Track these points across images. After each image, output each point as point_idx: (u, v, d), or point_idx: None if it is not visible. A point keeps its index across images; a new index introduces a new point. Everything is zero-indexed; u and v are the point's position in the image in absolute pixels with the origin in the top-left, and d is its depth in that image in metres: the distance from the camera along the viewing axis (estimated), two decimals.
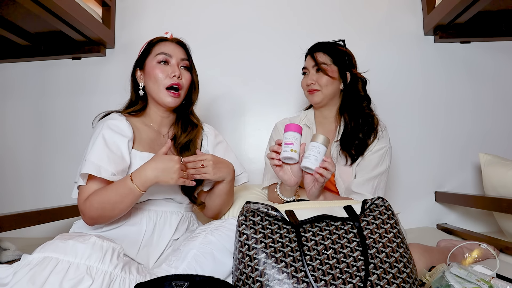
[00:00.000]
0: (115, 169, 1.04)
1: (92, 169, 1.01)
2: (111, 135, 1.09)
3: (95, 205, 1.01)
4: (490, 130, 2.02)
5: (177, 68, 1.19)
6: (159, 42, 1.23)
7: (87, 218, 1.04)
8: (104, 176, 1.02)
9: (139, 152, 1.14)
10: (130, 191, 1.00)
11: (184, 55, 1.23)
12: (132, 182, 0.99)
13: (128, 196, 1.00)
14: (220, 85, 2.05)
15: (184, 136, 1.24)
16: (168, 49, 1.20)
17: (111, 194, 1.00)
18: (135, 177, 1.00)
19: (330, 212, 0.92)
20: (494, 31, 2.03)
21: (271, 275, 0.78)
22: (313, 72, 1.40)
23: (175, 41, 1.24)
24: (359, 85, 1.42)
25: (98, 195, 1.02)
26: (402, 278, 0.80)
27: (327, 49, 1.41)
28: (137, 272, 0.89)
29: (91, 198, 1.02)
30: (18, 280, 0.78)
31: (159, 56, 1.19)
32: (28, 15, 1.74)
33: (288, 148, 1.09)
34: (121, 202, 1.01)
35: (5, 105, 2.17)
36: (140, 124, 1.21)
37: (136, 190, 0.99)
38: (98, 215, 1.02)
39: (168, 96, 1.18)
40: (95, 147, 1.06)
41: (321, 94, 1.39)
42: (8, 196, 2.10)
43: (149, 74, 1.20)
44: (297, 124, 1.11)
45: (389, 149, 1.38)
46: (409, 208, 1.98)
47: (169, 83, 1.17)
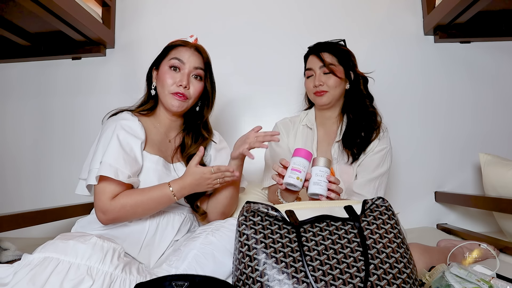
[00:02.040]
0: (130, 171, 1.04)
1: (110, 171, 1.01)
2: (125, 137, 1.08)
3: (127, 207, 1.03)
4: (490, 130, 2.02)
5: (186, 77, 1.17)
6: (178, 47, 1.20)
7: (109, 218, 1.04)
8: (121, 179, 1.02)
9: (149, 155, 1.14)
10: (168, 199, 1.06)
11: (199, 64, 1.19)
12: (171, 191, 1.04)
13: (164, 203, 1.07)
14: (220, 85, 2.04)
15: (194, 147, 1.23)
16: (183, 55, 1.18)
17: (147, 199, 1.04)
18: (174, 185, 1.05)
19: (331, 212, 0.92)
20: (494, 31, 2.03)
21: (271, 276, 0.78)
22: (320, 73, 1.37)
23: (194, 47, 1.20)
24: (362, 83, 1.41)
25: (132, 198, 1.03)
26: (402, 278, 0.80)
27: (332, 49, 1.39)
28: (138, 273, 0.90)
29: (123, 199, 1.02)
30: (18, 280, 0.78)
31: (172, 61, 1.17)
32: (28, 15, 1.73)
33: (294, 175, 1.05)
34: (155, 208, 1.07)
35: (5, 105, 2.17)
36: (150, 125, 1.20)
37: (173, 198, 1.06)
38: (125, 216, 1.05)
39: (173, 99, 1.16)
40: (110, 148, 1.05)
41: (330, 96, 1.37)
42: (8, 196, 2.10)
43: (160, 77, 1.19)
44: (308, 151, 1.08)
45: (390, 150, 1.38)
46: (409, 208, 1.98)
47: (174, 91, 1.16)
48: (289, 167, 1.07)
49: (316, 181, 1.06)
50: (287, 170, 1.07)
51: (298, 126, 1.47)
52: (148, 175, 1.11)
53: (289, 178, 1.05)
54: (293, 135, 1.46)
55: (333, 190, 1.06)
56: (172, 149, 1.23)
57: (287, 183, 1.06)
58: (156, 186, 1.07)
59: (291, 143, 1.44)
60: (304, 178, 1.06)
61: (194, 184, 1.06)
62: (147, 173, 1.11)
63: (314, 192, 1.05)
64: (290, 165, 1.07)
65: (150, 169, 1.12)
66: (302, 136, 1.45)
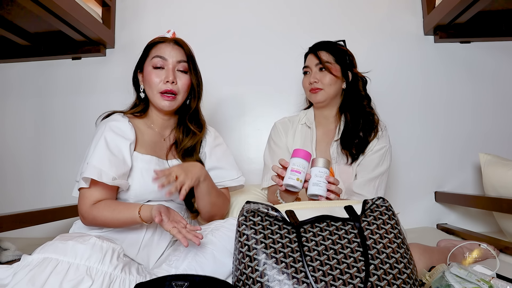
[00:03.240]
0: (116, 173, 1.04)
1: (94, 173, 1.01)
2: (113, 138, 1.08)
3: (98, 220, 1.03)
4: (490, 130, 2.02)
5: (172, 73, 1.14)
6: (157, 44, 1.18)
7: (87, 223, 1.07)
8: (105, 180, 1.02)
9: (140, 155, 1.13)
10: (133, 220, 1.01)
11: (181, 57, 1.17)
12: (139, 215, 1.00)
13: (131, 223, 1.04)
14: (220, 86, 2.05)
15: (186, 142, 1.22)
16: (164, 51, 1.16)
17: (116, 218, 1.02)
18: (143, 212, 1.00)
19: (331, 212, 0.91)
20: (494, 31, 2.02)
21: (271, 276, 0.77)
22: (315, 70, 1.39)
23: (173, 42, 1.18)
24: (360, 84, 1.41)
25: (103, 214, 1.02)
26: (402, 279, 0.80)
27: (329, 48, 1.40)
28: (137, 273, 0.90)
29: (96, 212, 1.03)
30: (18, 281, 0.78)
31: (154, 60, 1.15)
32: (28, 15, 1.73)
33: (294, 176, 1.04)
34: (123, 225, 1.05)
35: (5, 105, 2.17)
36: (143, 126, 1.20)
37: (139, 220, 1.01)
38: (97, 224, 1.06)
39: (163, 100, 1.15)
40: (97, 150, 1.05)
41: (324, 93, 1.38)
42: (8, 196, 2.10)
43: (146, 79, 1.18)
44: (307, 152, 1.07)
45: (389, 149, 1.38)
46: (409, 208, 1.98)
47: (162, 88, 1.14)
48: (288, 168, 1.07)
49: (316, 181, 1.05)
50: (287, 171, 1.06)
51: (297, 125, 1.47)
52: (141, 176, 1.11)
53: (289, 179, 1.05)
54: (292, 134, 1.46)
55: (333, 190, 1.06)
56: (167, 147, 1.23)
57: (287, 184, 1.05)
58: (128, 206, 1.03)
59: (289, 142, 1.44)
60: (304, 179, 1.06)
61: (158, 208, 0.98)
62: (140, 174, 1.11)
63: (314, 193, 1.05)
64: (290, 166, 1.06)
65: (143, 170, 1.12)
66: (301, 135, 1.45)
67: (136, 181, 1.10)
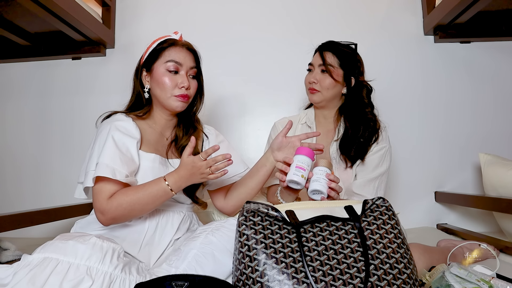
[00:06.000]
0: (127, 171, 1.04)
1: (107, 171, 1.01)
2: (121, 137, 1.09)
3: (124, 205, 1.01)
4: (490, 130, 2.02)
5: (186, 78, 1.18)
6: (170, 47, 1.19)
7: (108, 218, 1.03)
8: (119, 178, 1.01)
9: (145, 154, 1.14)
10: (164, 193, 1.03)
11: (193, 63, 1.21)
12: (167, 184, 1.02)
13: (161, 197, 1.04)
14: (220, 86, 2.05)
15: (186, 139, 1.24)
16: (179, 56, 1.18)
17: (143, 195, 1.02)
18: (169, 179, 1.03)
19: (331, 212, 0.91)
20: (494, 31, 2.02)
21: (271, 276, 0.78)
22: (317, 71, 1.39)
23: (186, 47, 1.21)
24: (364, 92, 1.40)
25: (127, 195, 1.02)
26: (402, 279, 0.80)
27: (337, 50, 1.39)
28: (137, 273, 0.90)
29: (119, 198, 1.01)
30: (18, 281, 0.78)
31: (169, 64, 1.17)
32: (28, 15, 1.73)
33: (299, 172, 1.04)
34: (153, 203, 1.05)
35: (5, 105, 2.17)
36: (145, 126, 1.20)
37: (170, 192, 1.03)
38: (123, 215, 1.03)
39: (177, 101, 1.17)
40: (106, 149, 1.05)
41: (321, 95, 1.38)
42: (8, 196, 2.10)
43: (157, 80, 1.18)
44: (311, 150, 1.08)
45: (389, 149, 1.38)
46: (409, 208, 1.98)
47: (177, 93, 1.17)
48: (292, 165, 1.07)
49: (316, 178, 1.06)
50: (291, 168, 1.07)
51: (297, 125, 1.48)
52: (146, 174, 1.11)
53: (294, 175, 1.05)
54: (292, 134, 1.46)
55: (333, 188, 1.06)
56: (167, 146, 1.24)
57: (291, 180, 1.06)
58: (151, 181, 1.05)
59: None
60: (307, 176, 1.06)
61: (188, 174, 1.03)
62: (145, 172, 1.12)
63: (315, 189, 1.05)
64: (294, 163, 1.07)
65: (148, 168, 1.12)
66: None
67: (142, 179, 1.10)
